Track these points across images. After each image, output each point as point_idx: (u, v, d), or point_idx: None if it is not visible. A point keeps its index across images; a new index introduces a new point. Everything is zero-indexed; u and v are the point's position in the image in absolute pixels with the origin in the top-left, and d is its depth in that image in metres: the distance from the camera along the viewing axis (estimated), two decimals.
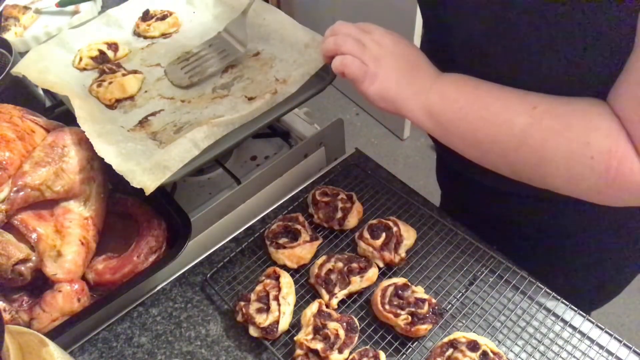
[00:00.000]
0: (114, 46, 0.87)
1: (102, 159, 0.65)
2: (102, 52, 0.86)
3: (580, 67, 0.51)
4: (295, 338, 0.61)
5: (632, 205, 0.52)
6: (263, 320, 0.62)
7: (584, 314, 0.63)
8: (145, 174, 0.63)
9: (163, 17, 0.92)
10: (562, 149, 0.51)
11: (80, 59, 0.85)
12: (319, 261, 0.68)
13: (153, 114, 0.76)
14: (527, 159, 0.54)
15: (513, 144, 0.54)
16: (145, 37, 0.92)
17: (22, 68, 0.78)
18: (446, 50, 0.64)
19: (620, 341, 0.60)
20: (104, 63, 0.85)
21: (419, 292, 0.64)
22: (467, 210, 0.79)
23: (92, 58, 0.85)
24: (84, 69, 0.85)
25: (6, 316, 0.62)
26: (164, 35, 0.91)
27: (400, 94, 0.61)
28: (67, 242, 0.65)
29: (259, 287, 0.66)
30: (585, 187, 0.53)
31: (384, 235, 0.69)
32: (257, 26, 0.88)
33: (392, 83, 0.61)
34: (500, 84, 0.56)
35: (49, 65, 0.82)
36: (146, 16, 0.93)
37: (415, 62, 0.62)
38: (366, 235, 0.70)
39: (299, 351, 0.60)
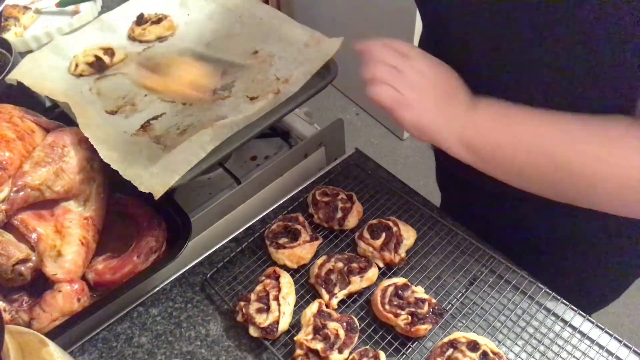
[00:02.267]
0: (110, 51, 0.87)
1: (102, 159, 0.65)
2: (98, 58, 0.85)
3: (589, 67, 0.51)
4: (295, 338, 0.61)
5: None
6: (263, 320, 0.62)
7: (584, 314, 0.63)
8: (152, 178, 0.63)
9: (158, 21, 0.91)
10: (608, 176, 0.51)
11: (76, 65, 0.84)
12: (319, 261, 0.68)
13: (155, 118, 0.76)
14: (574, 188, 0.54)
15: (557, 175, 0.53)
16: (140, 42, 0.91)
17: (18, 75, 0.78)
18: (441, 44, 0.63)
19: (620, 341, 0.60)
20: (101, 69, 0.85)
21: (419, 292, 0.64)
22: (467, 213, 0.79)
23: (88, 64, 0.84)
24: (81, 75, 0.84)
25: (6, 316, 0.62)
26: (160, 38, 0.91)
27: (435, 124, 0.58)
28: (67, 242, 0.65)
29: (259, 287, 0.66)
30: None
31: (383, 235, 0.69)
32: (254, 26, 0.88)
33: (426, 113, 0.58)
34: (530, 107, 0.55)
35: (45, 72, 0.82)
36: (141, 20, 0.92)
37: (452, 90, 0.59)
38: (366, 235, 0.70)
39: (299, 351, 0.60)
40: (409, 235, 0.70)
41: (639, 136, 0.50)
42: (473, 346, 0.58)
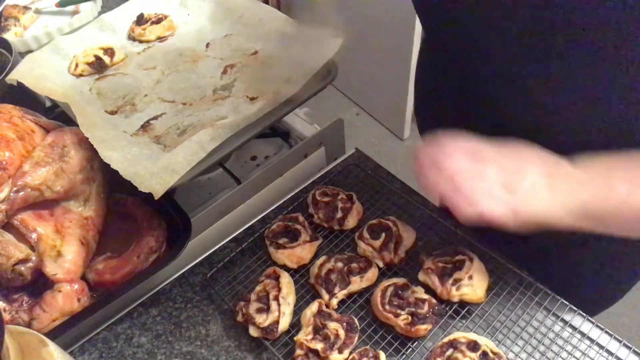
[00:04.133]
0: (110, 51, 0.87)
1: (102, 159, 0.65)
2: (98, 58, 0.85)
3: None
4: (295, 338, 0.61)
5: None
6: (263, 320, 0.62)
7: (584, 314, 0.63)
8: (153, 178, 0.63)
9: (158, 21, 0.91)
10: None
11: (77, 65, 0.84)
12: (319, 261, 0.68)
13: (155, 118, 0.76)
14: None
15: None
16: (140, 41, 0.91)
17: (18, 75, 0.78)
18: (448, 53, 0.62)
19: (620, 341, 0.60)
20: (101, 69, 0.85)
21: (419, 292, 0.64)
22: None
23: (88, 64, 0.84)
24: (80, 75, 0.84)
25: (6, 316, 0.62)
26: (160, 38, 0.91)
27: (553, 211, 0.54)
28: (67, 242, 0.65)
29: (259, 287, 0.66)
30: None
31: (383, 235, 0.69)
32: (254, 26, 0.88)
33: (540, 205, 0.54)
34: (628, 153, 0.53)
35: (45, 72, 0.82)
36: (141, 20, 0.92)
37: (549, 168, 0.55)
38: (366, 235, 0.70)
39: (299, 351, 0.60)
40: (408, 236, 0.70)
41: None
42: (473, 346, 0.58)
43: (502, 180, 0.53)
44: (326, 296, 0.65)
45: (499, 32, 0.54)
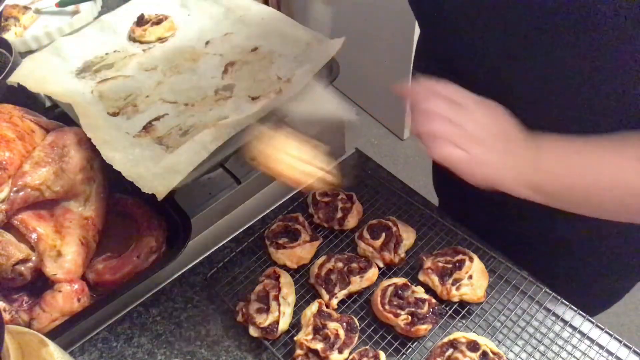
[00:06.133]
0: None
1: (102, 159, 0.65)
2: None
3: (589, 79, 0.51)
4: (295, 338, 0.61)
5: None
6: (263, 320, 0.62)
7: (584, 314, 0.63)
8: (155, 179, 0.63)
9: (158, 22, 0.91)
10: None
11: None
12: (319, 261, 0.68)
13: (157, 119, 0.76)
14: None
15: (635, 203, 0.53)
16: (141, 42, 0.91)
17: (19, 77, 0.77)
18: (448, 62, 0.62)
19: (620, 341, 0.60)
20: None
21: (419, 292, 0.64)
22: (465, 217, 0.79)
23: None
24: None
25: (6, 316, 0.62)
26: (161, 39, 0.91)
27: (502, 175, 0.57)
28: (67, 242, 0.65)
29: (259, 287, 0.66)
30: None
31: (383, 235, 0.69)
32: (255, 25, 0.88)
33: (493, 166, 0.57)
34: (595, 138, 0.55)
35: (46, 74, 0.82)
36: (141, 21, 0.92)
37: (512, 135, 0.58)
38: (366, 235, 0.70)
39: (299, 351, 0.60)
40: (408, 236, 0.70)
41: None
42: (473, 346, 0.58)
43: (469, 138, 0.56)
44: (326, 296, 0.65)
45: (485, 30, 0.55)
